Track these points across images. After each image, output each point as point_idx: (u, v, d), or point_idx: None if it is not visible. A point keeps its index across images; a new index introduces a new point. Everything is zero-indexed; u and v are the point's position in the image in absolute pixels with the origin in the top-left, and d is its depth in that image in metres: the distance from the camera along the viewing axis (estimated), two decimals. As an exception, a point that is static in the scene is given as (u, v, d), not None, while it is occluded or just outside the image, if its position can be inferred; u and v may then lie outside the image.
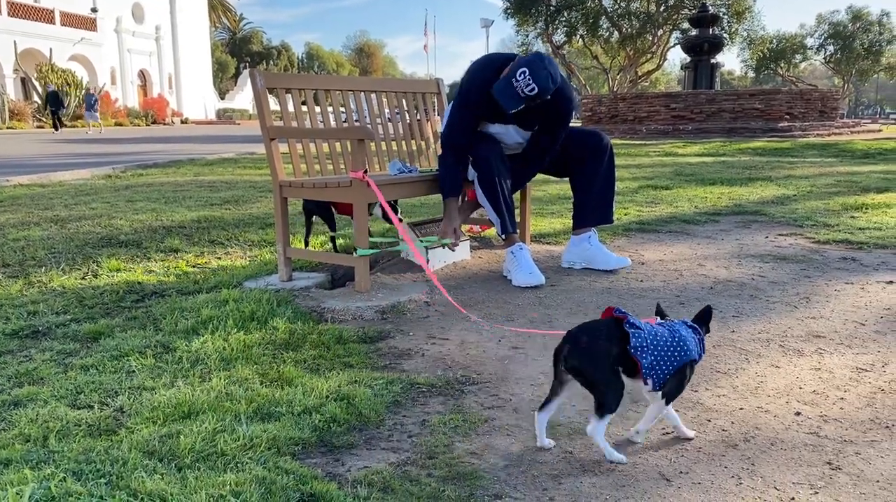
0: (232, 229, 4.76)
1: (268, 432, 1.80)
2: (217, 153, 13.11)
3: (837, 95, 23.29)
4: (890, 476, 1.62)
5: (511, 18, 34.06)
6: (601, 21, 34.29)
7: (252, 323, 2.71)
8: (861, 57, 51.32)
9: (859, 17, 51.03)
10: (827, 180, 7.88)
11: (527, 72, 3.13)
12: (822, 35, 53.11)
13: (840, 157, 11.64)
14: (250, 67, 47.15)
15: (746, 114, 19.47)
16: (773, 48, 49.78)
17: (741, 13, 32.69)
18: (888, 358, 2.36)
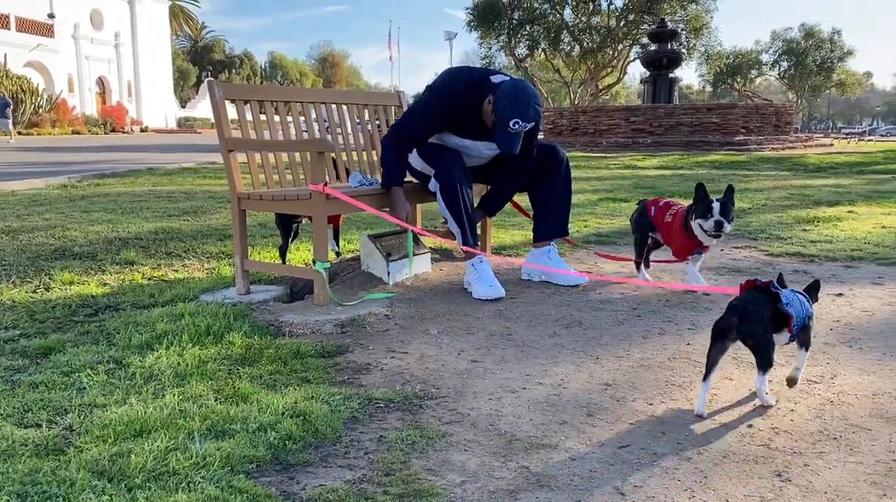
0: (190, 241, 4.69)
1: (221, 450, 1.77)
2: (177, 163, 12.93)
3: (791, 110, 23.90)
4: (837, 487, 1.65)
5: (474, 31, 34.29)
6: (563, 35, 34.70)
7: (208, 337, 2.67)
8: (814, 73, 52.70)
9: (812, 34, 52.46)
10: (781, 193, 8.07)
11: (519, 121, 3.25)
12: (776, 51, 54.46)
13: (794, 171, 11.93)
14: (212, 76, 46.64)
15: (704, 127, 19.86)
16: (730, 63, 50.87)
17: (699, 29, 33.37)
18: (837, 370, 2.42)
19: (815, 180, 10.11)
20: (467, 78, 3.40)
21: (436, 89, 3.46)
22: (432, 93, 3.46)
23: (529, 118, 3.26)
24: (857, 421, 2.02)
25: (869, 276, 3.83)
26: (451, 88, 3.40)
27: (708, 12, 33.32)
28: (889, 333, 2.83)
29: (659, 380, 2.33)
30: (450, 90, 3.40)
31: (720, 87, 56.41)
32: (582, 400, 2.18)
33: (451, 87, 3.41)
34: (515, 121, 3.24)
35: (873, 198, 7.57)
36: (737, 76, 53.72)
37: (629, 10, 32.85)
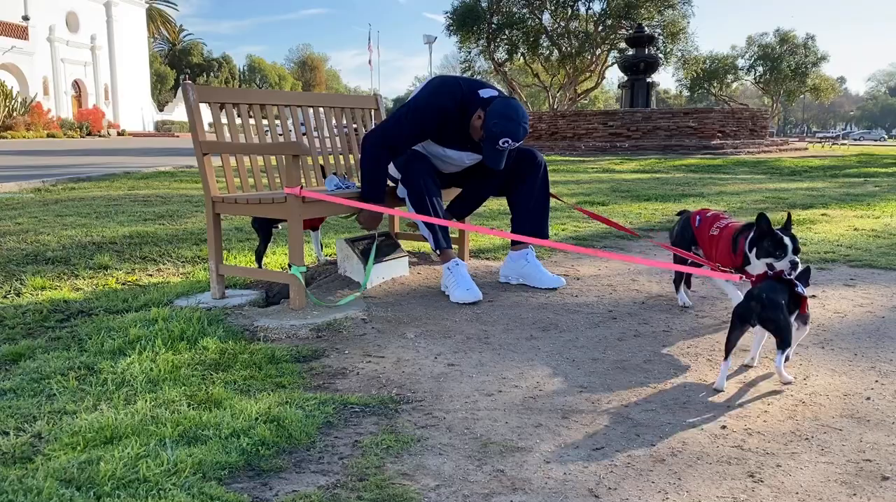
0: (165, 245, 4.64)
1: (193, 456, 1.75)
2: (154, 166, 12.81)
3: (767, 115, 24.19)
4: (809, 487, 1.67)
5: (453, 35, 34.34)
6: (541, 40, 34.86)
7: (181, 342, 2.64)
8: (788, 78, 53.39)
9: (786, 39, 53.17)
10: (756, 196, 8.15)
11: (509, 140, 3.31)
12: (752, 56, 55.13)
13: (769, 175, 12.07)
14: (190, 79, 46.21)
15: (681, 131, 20.04)
16: (707, 68, 51.38)
17: (676, 34, 33.67)
18: (809, 371, 2.45)
19: (790, 184, 10.23)
20: (457, 91, 3.41)
21: (425, 100, 3.44)
22: (421, 103, 3.44)
23: (519, 138, 3.34)
24: (829, 421, 2.04)
25: (841, 278, 3.88)
26: (441, 100, 3.40)
27: (685, 17, 33.64)
28: (860, 334, 2.87)
29: (634, 383, 2.34)
30: (439, 102, 3.40)
31: (697, 91, 56.98)
32: (557, 402, 2.18)
33: (440, 99, 3.41)
34: (505, 139, 3.31)
35: (846, 201, 7.68)
36: (713, 81, 54.29)
37: (607, 15, 33.07)
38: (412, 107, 3.45)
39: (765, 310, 2.24)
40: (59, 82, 45.58)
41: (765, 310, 2.24)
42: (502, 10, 33.69)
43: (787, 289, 2.31)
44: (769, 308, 2.24)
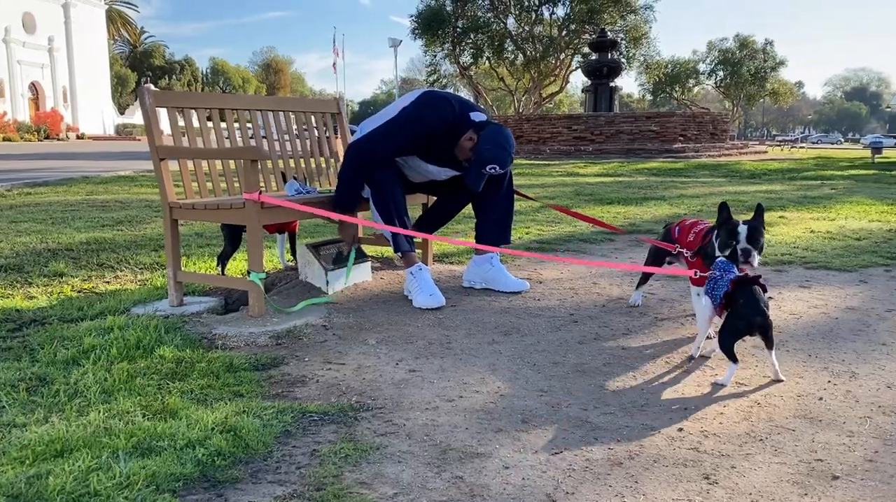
0: (123, 251, 4.56)
1: (147, 468, 1.72)
2: (114, 170, 12.60)
3: (727, 118, 24.62)
4: (762, 488, 1.69)
5: (418, 39, 34.39)
6: (506, 44, 35.08)
7: (137, 351, 2.59)
8: (748, 82, 54.44)
9: (746, 44, 54.23)
10: (716, 199, 8.28)
11: (496, 167, 3.40)
12: (712, 61, 56.11)
13: (729, 178, 12.28)
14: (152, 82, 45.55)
15: (643, 135, 20.31)
16: (669, 73, 52.14)
17: (638, 39, 34.14)
18: (764, 371, 2.49)
19: (749, 186, 10.42)
20: (450, 111, 3.44)
21: (418, 115, 3.43)
22: (413, 117, 3.43)
23: (505, 166, 3.45)
24: (783, 422, 2.07)
25: (797, 280, 3.95)
26: (435, 118, 3.42)
27: (647, 22, 34.15)
28: (814, 335, 2.92)
29: (593, 386, 2.35)
30: (433, 120, 3.42)
31: (659, 95, 57.80)
32: (518, 407, 2.19)
33: (434, 116, 3.42)
34: (493, 166, 3.39)
35: (803, 203, 7.84)
36: (675, 85, 55.14)
37: (571, 20, 33.41)
38: (403, 120, 3.43)
39: (765, 319, 2.33)
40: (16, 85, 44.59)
41: (765, 319, 2.33)
42: (467, 14, 33.84)
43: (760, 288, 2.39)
44: (767, 317, 2.34)
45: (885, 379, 2.43)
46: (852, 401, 2.23)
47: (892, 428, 2.03)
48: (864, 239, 5.33)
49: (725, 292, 2.40)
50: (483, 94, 38.19)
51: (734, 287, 2.39)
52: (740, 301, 2.35)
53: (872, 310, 3.30)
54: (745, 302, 2.34)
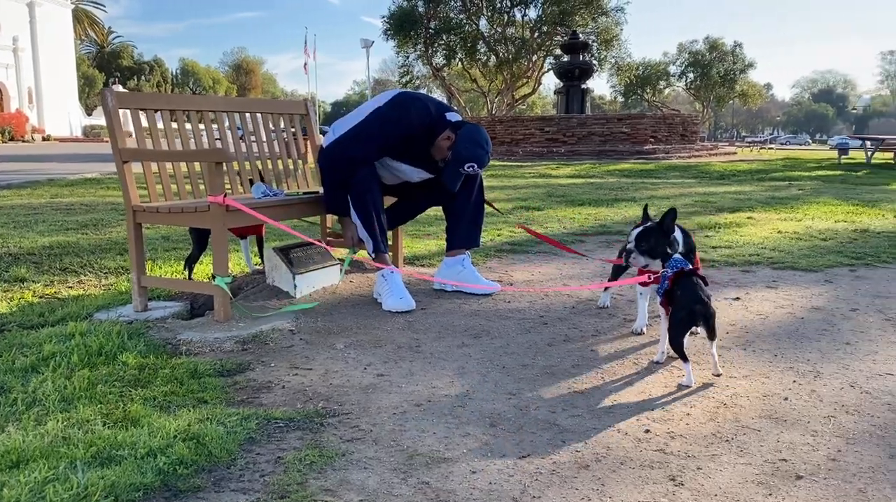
0: (87, 256, 4.48)
1: (106, 479, 1.68)
2: (80, 173, 12.40)
3: (697, 120, 24.91)
4: (727, 489, 1.70)
5: (391, 40, 34.32)
6: (479, 45, 35.14)
7: (99, 358, 2.54)
8: (718, 84, 55.11)
9: (716, 46, 54.88)
10: (686, 200, 8.37)
11: (474, 166, 3.44)
12: (683, 63, 56.71)
13: (699, 179, 12.40)
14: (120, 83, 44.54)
15: (615, 137, 20.46)
16: (640, 75, 52.61)
17: (609, 41, 34.39)
18: (731, 372, 2.50)
19: (718, 187, 10.54)
20: (426, 112, 3.44)
21: (394, 115, 3.42)
22: (389, 118, 3.42)
23: (483, 165, 3.48)
24: (748, 422, 2.09)
25: (764, 280, 3.99)
26: (411, 118, 3.42)
27: (618, 25, 34.40)
28: (781, 335, 2.95)
29: (562, 388, 2.35)
30: (410, 120, 3.42)
31: (631, 97, 58.31)
32: (486, 410, 2.17)
33: (410, 117, 3.42)
34: (471, 165, 3.43)
35: (771, 204, 7.94)
36: (646, 87, 55.65)
37: (543, 21, 33.55)
38: (379, 121, 3.42)
39: (707, 307, 2.36)
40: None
41: (707, 307, 2.36)
42: (439, 16, 33.83)
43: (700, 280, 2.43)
44: (709, 306, 2.37)
45: (849, 378, 2.45)
46: (817, 401, 2.25)
47: (855, 428, 2.05)
48: (829, 239, 5.41)
49: (665, 289, 2.45)
50: (456, 95, 38.21)
51: (673, 281, 2.43)
52: (679, 293, 2.40)
53: (837, 310, 3.34)
54: (683, 292, 2.38)
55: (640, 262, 2.66)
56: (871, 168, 15.94)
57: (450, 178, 3.48)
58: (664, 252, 2.60)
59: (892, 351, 2.75)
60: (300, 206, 3.50)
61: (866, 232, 5.80)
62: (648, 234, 2.64)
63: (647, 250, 2.62)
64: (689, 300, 2.36)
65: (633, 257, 2.66)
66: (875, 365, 2.59)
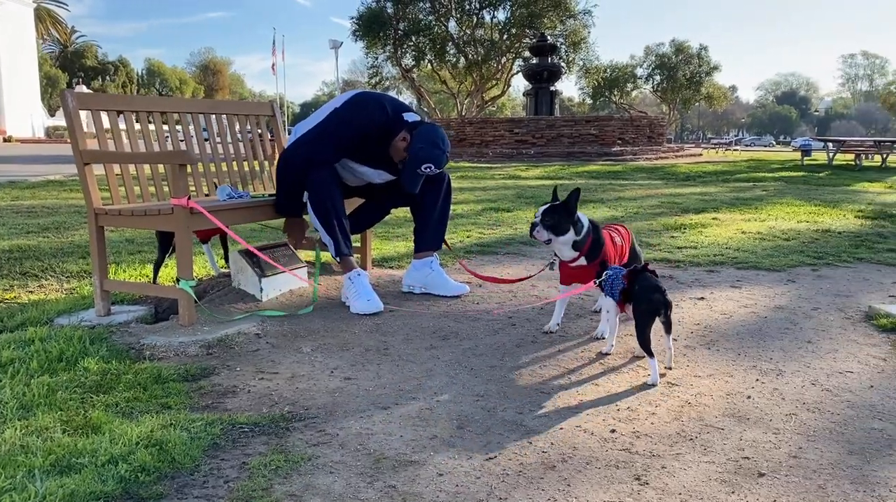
0: (49, 259, 4.39)
1: (65, 487, 1.64)
2: (42, 175, 12.14)
3: (664, 122, 25.19)
4: (691, 487, 1.72)
5: (360, 41, 34.18)
6: (448, 47, 35.15)
7: (60, 364, 2.49)
8: (684, 86, 55.76)
9: (682, 49, 55.54)
10: (652, 202, 8.46)
11: (431, 167, 3.41)
12: (650, 66, 57.28)
13: (665, 180, 12.54)
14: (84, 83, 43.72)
15: (583, 139, 20.60)
16: (608, 77, 53.04)
17: (577, 43, 34.62)
18: (695, 371, 2.53)
19: (684, 188, 10.67)
20: (382, 112, 3.41)
21: (349, 116, 3.40)
22: (345, 118, 3.40)
23: (441, 165, 3.44)
24: (712, 421, 2.11)
25: (728, 280, 4.05)
26: (366, 119, 3.39)
27: (586, 27, 34.63)
28: (744, 334, 2.99)
29: (529, 389, 2.36)
30: (364, 120, 3.39)
31: (599, 99, 58.72)
32: (454, 412, 2.17)
33: (365, 117, 3.39)
34: (428, 165, 3.39)
35: (736, 205, 8.06)
36: (614, 89, 56.08)
37: (511, 24, 33.67)
38: (335, 122, 3.40)
39: (666, 297, 2.46)
40: (-63, 85, 42.58)
41: (666, 297, 2.46)
42: (408, 17, 33.78)
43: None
44: (666, 295, 2.47)
45: (810, 376, 2.50)
46: (779, 399, 2.29)
47: (816, 425, 2.09)
48: (792, 239, 5.51)
49: (622, 289, 2.53)
50: (426, 96, 38.21)
51: (629, 279, 2.52)
52: (637, 288, 2.49)
53: (799, 309, 3.40)
54: (641, 287, 2.48)
55: (543, 236, 2.82)
56: (833, 169, 16.26)
57: (408, 180, 3.46)
58: (567, 229, 2.79)
59: (851, 349, 2.80)
60: (266, 209, 3.46)
61: (828, 232, 5.91)
62: (553, 211, 2.82)
63: (552, 225, 2.80)
64: (648, 291, 2.45)
65: (537, 230, 2.82)
66: (835, 362, 2.64)
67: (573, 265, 2.89)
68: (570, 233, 2.80)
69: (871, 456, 1.89)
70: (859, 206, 7.89)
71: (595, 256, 2.84)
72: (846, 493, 1.69)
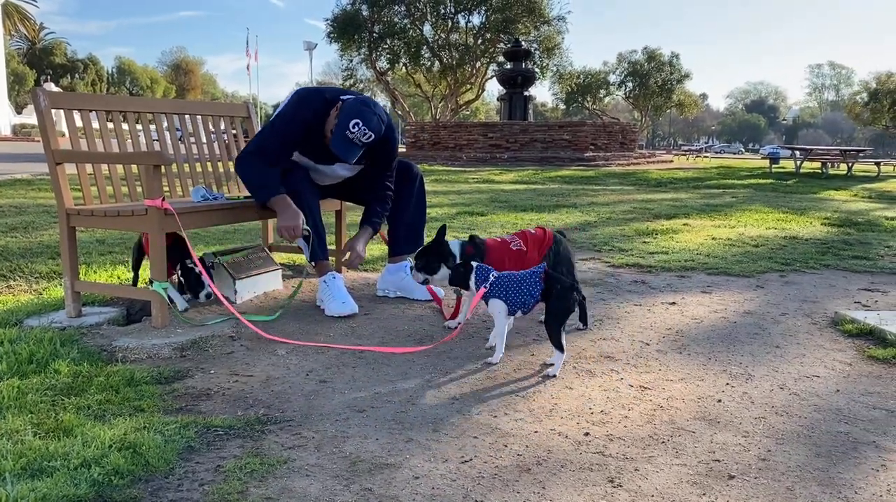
0: (17, 260, 4.32)
1: (37, 491, 1.63)
2: (9, 173, 11.92)
3: (636, 128, 25.48)
4: (663, 490, 1.74)
5: (334, 43, 34.07)
6: (423, 50, 35.16)
7: (30, 366, 2.46)
8: (656, 93, 56.36)
9: (654, 57, 56.16)
10: (624, 207, 8.55)
11: (360, 122, 3.17)
12: (622, 72, 57.81)
13: (637, 186, 12.69)
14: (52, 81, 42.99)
15: (556, 144, 20.77)
16: (581, 83, 53.44)
17: (551, 49, 34.81)
18: (667, 375, 2.57)
19: (656, 194, 10.80)
20: (319, 102, 3.33)
21: (290, 113, 3.35)
22: (286, 116, 3.34)
23: (371, 124, 3.20)
24: (683, 424, 2.15)
25: (699, 285, 4.11)
26: (304, 112, 3.32)
27: (559, 33, 34.85)
28: (714, 339, 3.05)
29: (503, 392, 2.38)
30: (302, 114, 3.32)
31: (572, 105, 59.14)
32: (429, 415, 2.18)
33: (302, 110, 3.33)
34: (356, 121, 3.17)
35: (706, 211, 8.18)
36: (587, 95, 56.51)
37: (486, 28, 33.79)
38: (277, 120, 3.37)
39: (581, 294, 2.69)
40: None
41: (581, 294, 2.69)
42: (383, 20, 33.73)
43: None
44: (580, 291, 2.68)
45: (779, 380, 2.55)
46: (748, 403, 2.33)
47: (784, 428, 2.13)
48: (761, 245, 5.60)
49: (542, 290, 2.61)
50: (400, 99, 38.17)
51: (546, 280, 2.61)
52: (557, 287, 2.58)
53: (768, 314, 3.47)
54: (555, 286, 2.58)
55: (419, 278, 3.04)
56: (800, 177, 16.57)
57: (338, 145, 3.22)
58: (437, 268, 2.99)
59: (818, 354, 2.86)
60: (240, 211, 3.44)
61: (795, 238, 6.02)
62: (422, 254, 3.05)
63: (423, 267, 3.01)
64: (564, 290, 2.57)
65: (413, 274, 3.06)
66: (803, 367, 2.70)
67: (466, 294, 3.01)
68: (443, 270, 2.97)
69: (837, 458, 1.94)
70: (826, 214, 8.05)
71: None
72: (813, 495, 1.73)
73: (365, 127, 3.19)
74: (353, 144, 3.22)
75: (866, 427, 2.15)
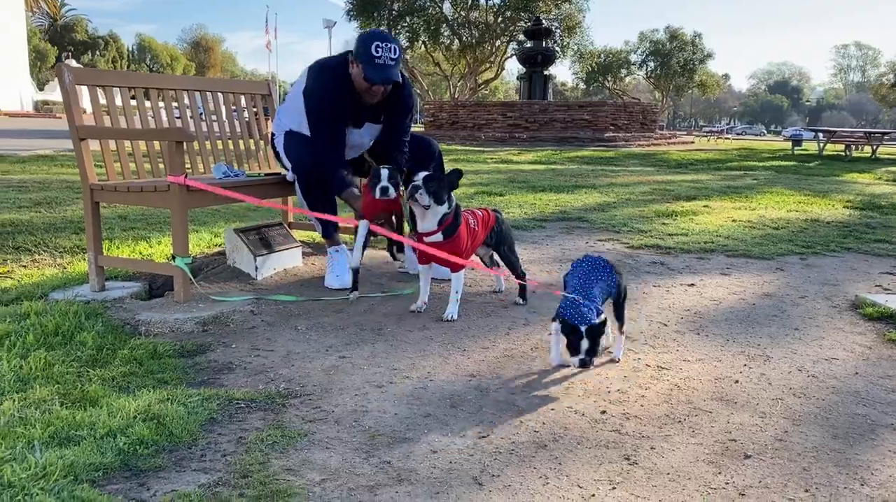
0: (42, 234, 4.38)
1: (64, 458, 1.67)
2: (32, 149, 12.04)
3: (657, 109, 25.23)
4: (679, 468, 1.76)
5: (354, 20, 33.95)
6: (442, 29, 34.97)
7: (56, 338, 2.51)
8: (677, 74, 55.79)
9: (676, 36, 55.48)
10: (644, 188, 8.49)
11: (378, 43, 3.19)
12: (643, 52, 57.22)
13: (657, 167, 12.58)
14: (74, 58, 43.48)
15: (576, 124, 20.61)
16: (601, 62, 52.99)
17: (572, 28, 34.52)
18: (685, 355, 2.58)
19: (676, 176, 10.71)
20: (328, 65, 3.37)
21: (315, 91, 3.34)
22: (314, 102, 3.33)
23: (389, 39, 3.23)
24: (700, 404, 2.16)
25: (718, 267, 4.09)
26: (321, 81, 3.34)
27: (580, 11, 34.53)
28: (733, 320, 3.04)
29: (521, 370, 2.40)
30: (321, 83, 3.33)
31: (592, 84, 58.66)
32: (447, 391, 2.21)
33: (320, 80, 3.34)
34: (375, 44, 3.18)
35: (727, 193, 8.11)
36: (608, 75, 56.04)
37: (506, 6, 33.52)
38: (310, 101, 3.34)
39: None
40: (-76, 57, 41.99)
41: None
42: (403, -3, 33.57)
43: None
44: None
45: (797, 362, 2.55)
46: (766, 384, 2.33)
47: (801, 409, 2.13)
48: (781, 228, 5.56)
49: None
50: (419, 78, 38.07)
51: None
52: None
53: (787, 297, 3.45)
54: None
55: (425, 200, 2.82)
56: (823, 159, 16.35)
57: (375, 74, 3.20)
58: (444, 201, 2.87)
59: (837, 336, 2.85)
60: (262, 188, 3.47)
61: (816, 221, 5.97)
62: (437, 180, 2.87)
63: (434, 191, 2.83)
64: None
65: (419, 193, 2.81)
66: (821, 349, 2.69)
67: (429, 240, 2.90)
68: (444, 206, 2.89)
69: (854, 440, 1.94)
70: (848, 197, 7.95)
71: (451, 233, 2.89)
72: (829, 476, 1.74)
73: (385, 44, 3.21)
74: (386, 66, 3.22)
75: (884, 410, 2.15)
